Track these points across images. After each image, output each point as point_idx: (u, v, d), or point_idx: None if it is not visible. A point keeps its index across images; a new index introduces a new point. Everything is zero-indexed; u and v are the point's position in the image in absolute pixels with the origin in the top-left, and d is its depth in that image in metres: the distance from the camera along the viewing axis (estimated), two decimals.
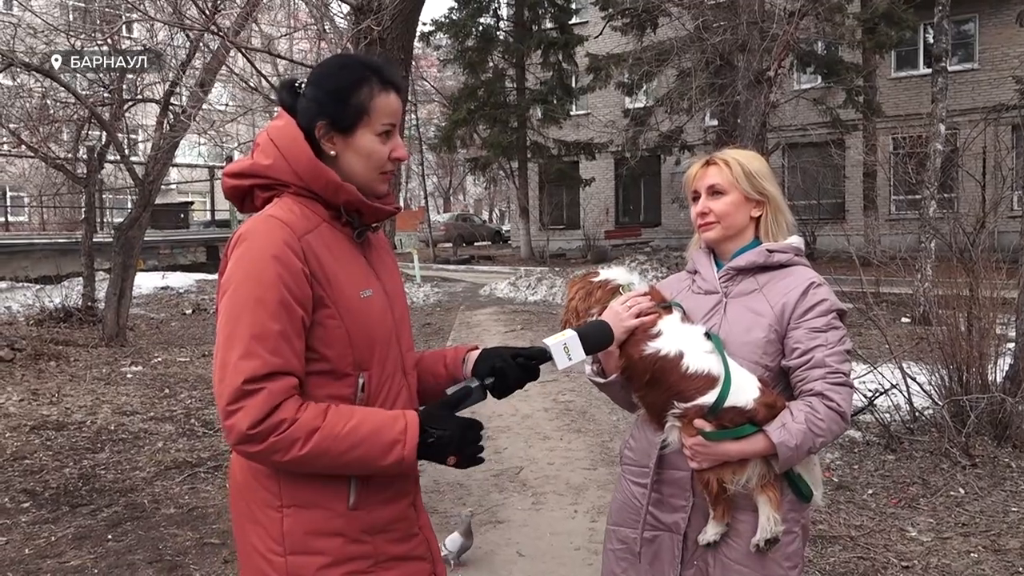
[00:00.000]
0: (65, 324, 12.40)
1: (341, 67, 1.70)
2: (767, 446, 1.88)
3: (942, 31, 11.14)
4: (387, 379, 1.68)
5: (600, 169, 29.02)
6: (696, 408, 1.91)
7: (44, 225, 27.51)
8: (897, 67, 24.13)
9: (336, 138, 1.64)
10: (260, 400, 1.50)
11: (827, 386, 1.91)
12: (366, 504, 1.64)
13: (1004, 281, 6.25)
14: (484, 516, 4.76)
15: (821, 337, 1.95)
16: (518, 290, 17.48)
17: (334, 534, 1.61)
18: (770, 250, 2.07)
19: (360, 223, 1.69)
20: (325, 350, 1.60)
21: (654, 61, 16.02)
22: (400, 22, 3.91)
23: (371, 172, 1.67)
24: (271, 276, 1.53)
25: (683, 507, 2.04)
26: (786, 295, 2.00)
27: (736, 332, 2.01)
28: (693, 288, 2.16)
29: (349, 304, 1.61)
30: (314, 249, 1.58)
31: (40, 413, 7.20)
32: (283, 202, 1.63)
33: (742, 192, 2.08)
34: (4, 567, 4.11)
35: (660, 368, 1.94)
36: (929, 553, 4.12)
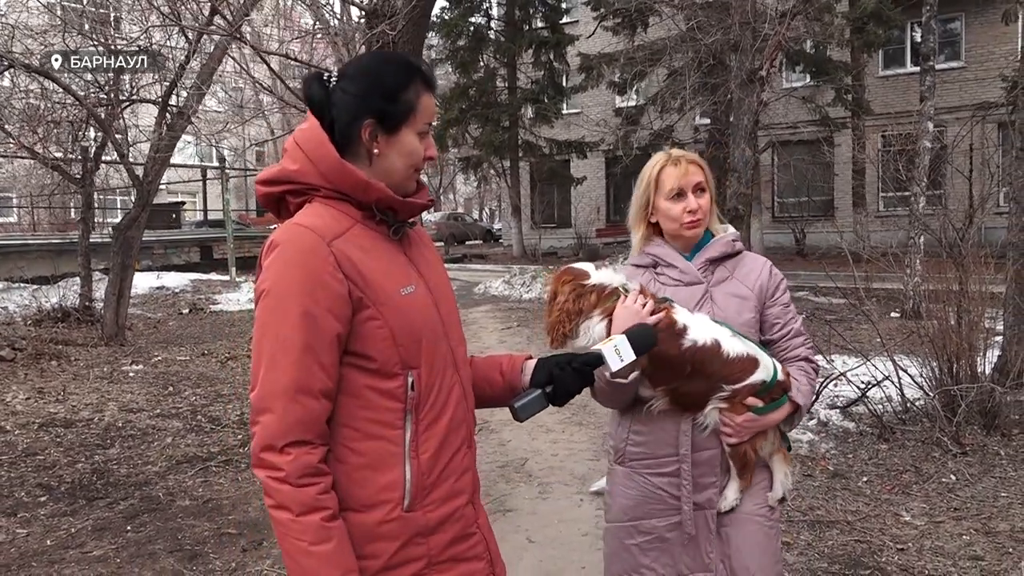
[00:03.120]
0: (63, 324, 12.46)
1: (385, 63, 1.67)
2: (791, 409, 2.18)
3: (930, 30, 11.34)
4: (437, 375, 1.65)
5: (591, 168, 29.19)
6: (748, 387, 2.09)
7: (35, 226, 27.43)
8: (885, 65, 24.39)
9: (380, 137, 1.61)
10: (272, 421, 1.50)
11: (807, 350, 2.29)
12: (421, 505, 1.61)
13: (992, 276, 6.43)
14: (492, 505, 4.90)
15: (790, 311, 2.28)
16: (512, 288, 17.61)
17: (388, 538, 1.58)
18: (733, 240, 2.31)
19: (395, 220, 1.66)
20: (371, 351, 1.57)
21: (646, 61, 16.17)
22: (411, 26, 4.03)
23: (408, 171, 1.66)
24: (294, 287, 1.51)
25: (713, 483, 2.18)
26: (759, 278, 2.26)
27: (730, 317, 2.19)
28: (663, 280, 2.27)
29: (390, 302, 1.59)
30: (346, 252, 1.56)
31: (47, 411, 7.29)
32: (313, 207, 1.61)
33: (712, 191, 2.29)
34: (28, 557, 4.22)
35: (700, 359, 2.06)
36: (923, 536, 4.28)
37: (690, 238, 2.26)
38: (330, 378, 1.54)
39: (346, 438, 1.59)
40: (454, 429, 1.68)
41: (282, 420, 1.50)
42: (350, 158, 1.61)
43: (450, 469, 1.66)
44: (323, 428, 1.54)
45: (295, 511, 1.49)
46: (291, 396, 1.50)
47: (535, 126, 27.04)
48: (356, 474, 1.58)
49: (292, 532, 1.49)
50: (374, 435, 1.59)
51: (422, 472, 1.61)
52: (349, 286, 1.54)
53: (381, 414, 1.59)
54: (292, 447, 1.50)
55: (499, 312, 14.48)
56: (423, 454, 1.62)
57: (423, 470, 1.61)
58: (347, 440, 1.58)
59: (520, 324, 12.80)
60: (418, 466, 1.61)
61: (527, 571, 4.00)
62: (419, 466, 1.61)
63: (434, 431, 1.64)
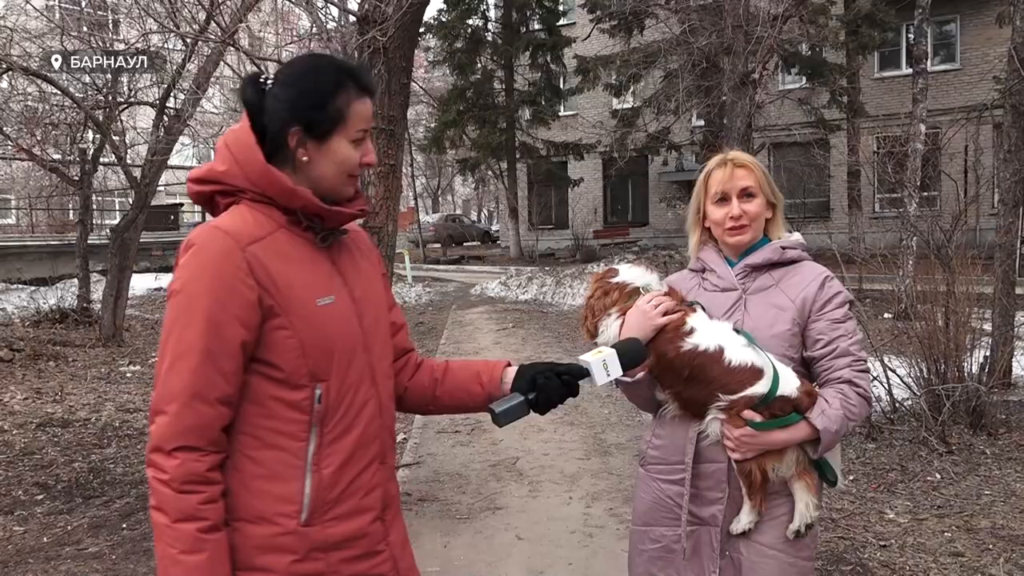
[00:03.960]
0: (61, 325, 12.53)
1: (315, 69, 1.62)
2: (810, 432, 1.95)
3: (922, 33, 11.44)
4: (349, 390, 1.60)
5: (588, 169, 29.28)
6: (745, 399, 1.95)
7: (33, 227, 27.48)
8: (880, 67, 24.50)
9: (309, 144, 1.58)
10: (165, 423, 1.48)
11: (854, 373, 2.01)
12: (320, 520, 1.56)
13: (980, 277, 6.52)
14: (483, 503, 4.98)
15: (842, 328, 2.04)
16: (509, 289, 17.70)
17: (283, 551, 1.53)
18: (784, 247, 2.14)
19: (322, 227, 1.62)
20: (278, 360, 1.54)
21: (641, 63, 16.26)
22: (402, 32, 4.10)
23: (341, 177, 1.62)
24: (202, 292, 1.49)
25: (719, 499, 2.06)
26: (804, 289, 2.07)
27: (762, 327, 2.06)
28: (705, 286, 2.19)
29: (303, 312, 1.54)
30: (261, 258, 1.52)
31: (45, 411, 7.36)
32: (239, 209, 1.58)
33: (766, 195, 2.15)
34: (25, 554, 4.29)
35: (700, 363, 1.98)
36: (906, 533, 4.35)
37: (733, 245, 2.16)
38: (230, 385, 1.50)
39: (245, 446, 1.55)
40: (364, 445, 1.63)
41: (174, 424, 1.47)
42: (279, 163, 1.58)
43: (356, 485, 1.61)
44: (217, 436, 1.50)
45: (172, 517, 1.46)
46: (186, 401, 1.47)
47: (532, 128, 27.15)
48: (252, 484, 1.54)
49: (165, 537, 1.46)
50: (275, 445, 1.55)
51: (323, 487, 1.56)
52: (260, 293, 1.51)
53: (284, 425, 1.55)
54: (180, 452, 1.46)
55: (495, 313, 14.55)
56: (325, 468, 1.57)
57: (324, 485, 1.56)
58: (246, 448, 1.55)
59: (515, 325, 12.88)
60: (319, 480, 1.56)
61: (515, 567, 4.07)
62: (320, 480, 1.56)
63: (340, 446, 1.59)
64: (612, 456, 5.93)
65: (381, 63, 4.05)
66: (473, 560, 4.16)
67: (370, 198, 4.31)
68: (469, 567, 4.07)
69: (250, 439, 1.55)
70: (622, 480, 5.32)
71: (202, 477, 1.47)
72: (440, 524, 4.65)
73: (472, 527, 4.61)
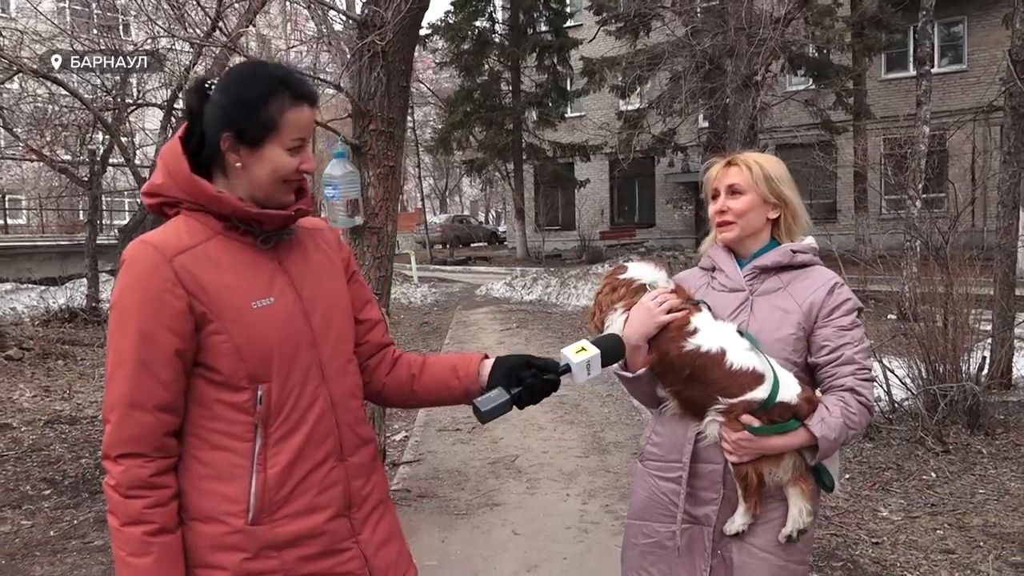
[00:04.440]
0: (70, 324, 12.67)
1: (251, 77, 1.62)
2: (808, 439, 1.96)
3: (926, 35, 11.45)
4: (293, 389, 1.61)
5: (595, 171, 29.34)
6: (744, 404, 1.95)
7: (43, 228, 27.70)
8: (887, 69, 24.47)
9: (242, 150, 1.59)
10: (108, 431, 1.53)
11: (857, 382, 2.01)
12: (268, 519, 1.58)
13: (979, 278, 6.56)
14: (481, 499, 5.06)
15: (848, 335, 2.03)
16: (514, 290, 17.77)
17: (233, 549, 1.56)
18: (794, 250, 2.13)
19: (261, 231, 1.63)
20: (216, 364, 1.57)
21: (646, 65, 16.32)
22: (401, 36, 4.17)
23: (275, 184, 1.63)
24: (133, 306, 1.53)
25: (714, 500, 2.07)
26: (812, 294, 2.06)
27: (767, 330, 2.06)
28: (714, 285, 2.20)
29: (237, 317, 1.57)
30: (190, 267, 1.55)
31: (53, 408, 7.48)
32: (175, 220, 1.62)
33: (760, 194, 2.13)
34: (32, 547, 4.39)
35: (701, 365, 1.98)
36: (898, 531, 4.40)
37: (722, 240, 2.18)
38: (169, 392, 1.54)
39: (194, 448, 1.59)
40: (314, 443, 1.64)
41: (116, 432, 1.52)
42: (218, 169, 1.62)
43: (308, 484, 1.62)
44: (161, 442, 1.54)
45: (120, 520, 1.51)
46: (124, 410, 1.51)
47: (539, 129, 27.22)
48: (201, 484, 1.57)
49: (116, 539, 1.53)
50: (220, 446, 1.58)
51: (270, 486, 1.58)
52: (191, 301, 1.54)
53: (229, 426, 1.58)
54: (124, 458, 1.51)
55: (499, 314, 14.63)
56: (271, 468, 1.58)
57: (271, 484, 1.58)
58: (194, 450, 1.59)
59: (520, 325, 12.95)
60: (264, 480, 1.58)
61: (511, 561, 4.14)
62: (266, 480, 1.58)
63: (286, 445, 1.60)
64: (610, 454, 6.00)
65: (380, 67, 4.13)
66: (470, 555, 4.23)
67: (369, 199, 4.39)
68: (466, 562, 4.14)
69: (198, 441, 1.59)
70: (619, 477, 5.39)
71: (146, 482, 1.52)
72: (438, 520, 4.72)
73: (470, 523, 4.68)
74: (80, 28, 12.69)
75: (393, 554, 1.78)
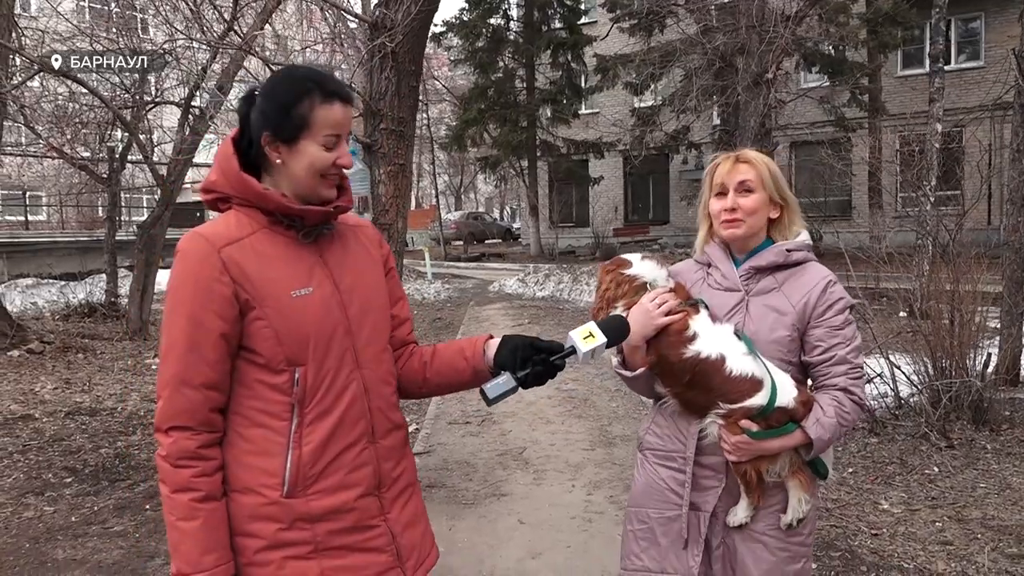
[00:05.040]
0: (90, 319, 12.90)
1: (285, 79, 1.77)
2: (803, 439, 2.03)
3: (939, 32, 11.43)
4: (328, 373, 1.74)
5: (609, 167, 29.37)
6: (743, 410, 2.01)
7: (63, 224, 28.08)
8: (904, 66, 24.33)
9: (281, 148, 1.72)
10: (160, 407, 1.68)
11: (850, 381, 2.07)
12: (302, 493, 1.71)
13: (986, 276, 6.59)
14: (488, 490, 5.17)
15: (840, 335, 2.08)
16: (526, 286, 17.87)
17: (269, 519, 1.69)
18: (788, 250, 2.15)
19: (303, 225, 1.76)
20: (257, 347, 1.70)
21: (659, 62, 16.36)
22: (411, 37, 4.28)
23: (314, 178, 1.74)
24: (185, 292, 1.68)
25: (714, 488, 2.14)
26: (807, 294, 2.10)
27: (763, 331, 2.10)
28: (710, 282, 2.23)
29: (277, 304, 1.70)
30: (236, 257, 1.69)
31: (73, 400, 7.66)
32: (227, 214, 1.76)
33: (768, 193, 2.15)
34: (55, 532, 4.55)
35: (702, 371, 2.02)
36: (898, 523, 4.47)
37: (728, 238, 2.19)
38: (215, 372, 1.68)
39: (237, 424, 1.73)
40: (347, 425, 1.76)
41: (167, 407, 1.67)
42: (265, 168, 1.77)
43: (340, 463, 1.75)
44: (207, 417, 1.69)
45: (170, 488, 1.66)
46: (175, 387, 1.66)
47: (553, 126, 27.29)
48: (243, 458, 1.71)
49: (166, 505, 1.67)
50: (260, 424, 1.72)
51: (304, 462, 1.71)
52: (236, 288, 1.68)
53: (269, 405, 1.72)
54: (174, 431, 1.66)
55: (512, 309, 14.75)
56: (306, 446, 1.71)
57: (305, 460, 1.71)
58: (237, 426, 1.73)
59: (531, 321, 13.06)
60: (299, 456, 1.70)
61: (516, 549, 4.25)
62: (300, 456, 1.70)
63: (320, 425, 1.73)
64: (616, 447, 6.10)
65: (390, 67, 4.24)
66: (476, 543, 4.34)
67: (380, 196, 4.51)
68: (471, 549, 4.26)
69: (240, 418, 1.73)
70: (624, 470, 5.48)
71: (193, 453, 1.66)
72: (446, 509, 4.84)
73: (477, 512, 4.80)
74: (99, 27, 12.88)
75: (418, 535, 1.89)
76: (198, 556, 1.64)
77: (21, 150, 15.14)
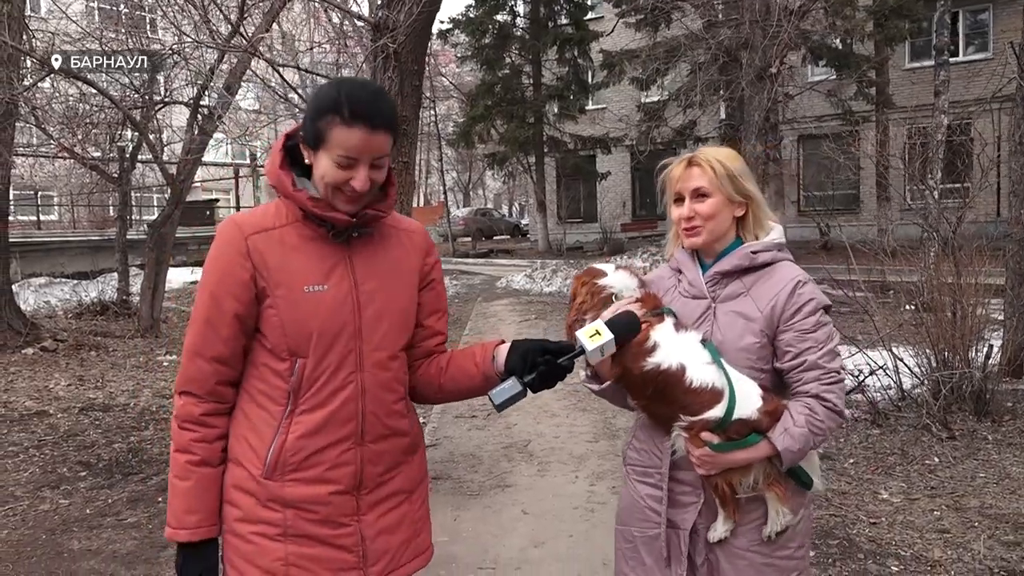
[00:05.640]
0: (102, 317, 13.07)
1: (325, 90, 1.80)
2: (771, 450, 1.95)
3: (944, 25, 11.44)
4: (327, 370, 1.79)
5: (616, 163, 29.39)
6: (702, 422, 1.95)
7: (75, 223, 28.32)
8: (912, 58, 24.26)
9: (308, 150, 1.79)
10: (179, 371, 1.83)
11: (822, 387, 1.97)
12: (279, 477, 1.79)
13: (989, 268, 6.63)
14: (493, 481, 5.27)
15: (811, 339, 1.98)
16: (534, 282, 17.96)
17: (248, 493, 1.80)
18: (754, 252, 2.06)
19: (332, 225, 1.81)
20: (267, 333, 1.80)
21: (665, 57, 16.39)
22: (413, 38, 4.37)
23: (327, 189, 1.77)
24: (211, 272, 1.80)
25: (693, 504, 2.07)
26: (774, 297, 2.01)
27: (730, 339, 2.02)
28: (680, 289, 2.15)
29: (288, 296, 1.77)
30: (261, 246, 1.78)
31: (87, 396, 7.79)
32: (272, 203, 1.87)
33: (726, 194, 2.06)
34: (70, 523, 4.68)
35: (663, 382, 1.96)
36: (896, 512, 4.54)
37: (689, 247, 2.13)
38: (226, 347, 1.79)
39: (243, 400, 1.84)
40: (336, 422, 1.81)
41: (183, 372, 1.82)
42: None
43: (323, 457, 1.80)
44: (214, 388, 1.81)
45: (174, 446, 1.82)
46: (191, 356, 1.81)
47: (560, 122, 27.34)
48: (239, 431, 1.83)
49: (171, 461, 1.82)
50: (260, 404, 1.82)
51: (286, 449, 1.78)
52: (254, 274, 1.77)
53: (270, 388, 1.81)
54: (183, 395, 1.81)
55: (519, 305, 14.83)
56: (291, 433, 1.79)
57: (288, 448, 1.78)
58: (243, 402, 1.84)
59: (538, 317, 13.14)
60: (283, 442, 1.78)
61: (519, 538, 4.34)
62: (285, 442, 1.78)
63: (310, 417, 1.79)
64: (620, 439, 6.17)
65: (393, 67, 4.33)
66: (480, 532, 4.44)
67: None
68: (476, 538, 4.35)
69: (246, 395, 1.84)
70: None
71: (196, 419, 1.79)
72: (452, 500, 4.94)
73: (481, 503, 4.90)
74: (108, 28, 13.00)
75: (395, 542, 1.91)
76: (183, 513, 1.78)
77: (33, 150, 15.30)
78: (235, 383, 1.84)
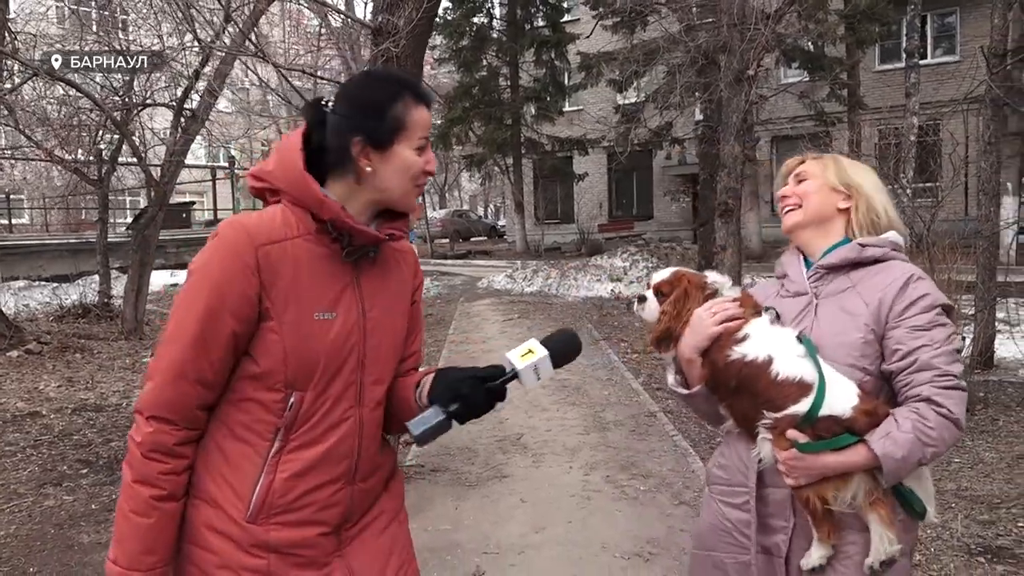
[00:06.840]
0: (84, 320, 12.99)
1: (374, 82, 1.68)
2: (870, 458, 1.71)
3: (914, 28, 11.77)
4: (326, 403, 1.62)
5: (593, 164, 29.68)
6: (788, 418, 1.77)
7: (47, 226, 28.01)
8: (881, 60, 24.80)
9: (372, 154, 1.60)
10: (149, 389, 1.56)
11: (936, 390, 1.72)
12: (265, 521, 1.59)
13: (960, 264, 6.91)
14: (490, 472, 5.43)
15: (925, 336, 1.77)
16: (515, 282, 18.12)
17: (228, 538, 1.59)
18: (863, 244, 1.92)
19: (350, 243, 1.63)
20: (260, 358, 1.58)
21: (643, 59, 16.61)
22: (413, 42, 4.51)
23: (407, 185, 1.65)
24: (209, 280, 1.55)
25: (784, 528, 1.88)
26: (883, 291, 1.83)
27: (829, 334, 1.85)
28: (782, 292, 2.04)
29: (296, 322, 1.57)
30: (272, 260, 1.55)
31: (79, 397, 7.83)
32: (275, 208, 1.62)
33: (826, 180, 1.99)
34: (77, 519, 4.76)
35: (746, 375, 1.83)
36: None
37: (789, 226, 2.03)
38: (214, 370, 1.56)
39: (216, 431, 1.61)
40: (331, 461, 1.64)
41: (157, 394, 1.55)
42: (339, 175, 1.62)
43: (312, 498, 1.63)
44: (193, 414, 1.57)
45: (133, 476, 1.55)
46: (173, 377, 1.55)
47: (537, 124, 27.54)
48: (213, 468, 1.60)
49: (124, 492, 1.57)
50: (241, 438, 1.60)
51: (274, 490, 1.59)
52: (260, 291, 1.55)
53: (254, 421, 1.60)
54: (155, 420, 1.54)
55: (501, 305, 14.99)
56: (281, 473, 1.60)
57: (276, 489, 1.59)
58: (216, 434, 1.61)
59: (521, 316, 13.31)
60: (271, 483, 1.59)
61: (519, 525, 4.50)
62: (272, 483, 1.59)
63: (302, 455, 1.61)
64: (610, 431, 6.37)
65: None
66: (480, 520, 4.59)
67: None
68: (477, 526, 4.50)
69: (222, 426, 1.62)
70: (619, 452, 5.76)
71: (168, 449, 1.55)
72: (451, 491, 5.08)
73: (480, 492, 5.05)
74: (86, 29, 12.97)
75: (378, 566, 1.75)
76: (139, 554, 1.55)
77: (10, 154, 15.19)
78: (211, 408, 1.62)
